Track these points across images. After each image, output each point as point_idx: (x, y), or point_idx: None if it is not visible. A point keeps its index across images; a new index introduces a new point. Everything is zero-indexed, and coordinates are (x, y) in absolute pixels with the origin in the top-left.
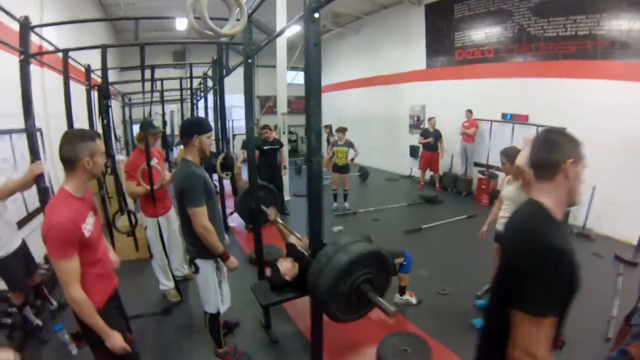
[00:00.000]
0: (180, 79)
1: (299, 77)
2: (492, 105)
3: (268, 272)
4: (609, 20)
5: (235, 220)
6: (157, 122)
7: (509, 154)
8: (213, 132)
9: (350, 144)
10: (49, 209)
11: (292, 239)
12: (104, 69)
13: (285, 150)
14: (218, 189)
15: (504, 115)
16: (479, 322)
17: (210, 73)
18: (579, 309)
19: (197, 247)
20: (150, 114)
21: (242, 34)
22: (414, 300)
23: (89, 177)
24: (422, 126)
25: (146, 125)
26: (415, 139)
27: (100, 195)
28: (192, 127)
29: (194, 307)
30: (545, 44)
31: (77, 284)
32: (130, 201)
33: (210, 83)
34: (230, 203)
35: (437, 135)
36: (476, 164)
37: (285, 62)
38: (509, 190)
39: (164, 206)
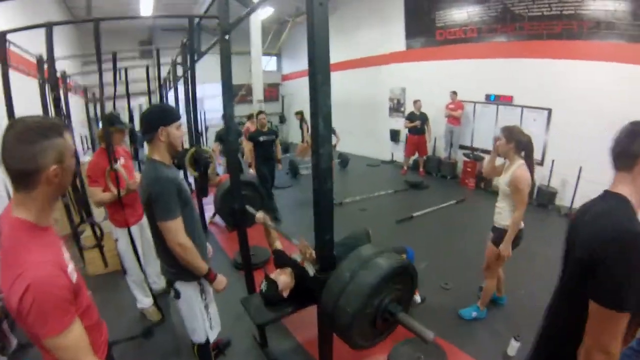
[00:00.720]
0: (147, 66)
1: (271, 64)
2: (476, 86)
3: (262, 286)
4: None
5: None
6: (124, 117)
7: (510, 131)
8: (184, 121)
9: (332, 130)
10: (12, 260)
11: (279, 244)
12: (50, 51)
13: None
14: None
15: (487, 97)
16: (467, 313)
17: (179, 60)
18: None
19: (175, 268)
20: (114, 107)
21: (217, 6)
22: (418, 298)
23: (55, 193)
24: (402, 109)
25: (109, 119)
26: (396, 123)
27: (63, 203)
28: (156, 118)
29: (179, 324)
30: (529, 23)
31: (92, 354)
32: (99, 211)
33: (180, 72)
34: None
35: (424, 119)
36: (461, 147)
37: (261, 46)
38: (501, 182)
39: (136, 213)
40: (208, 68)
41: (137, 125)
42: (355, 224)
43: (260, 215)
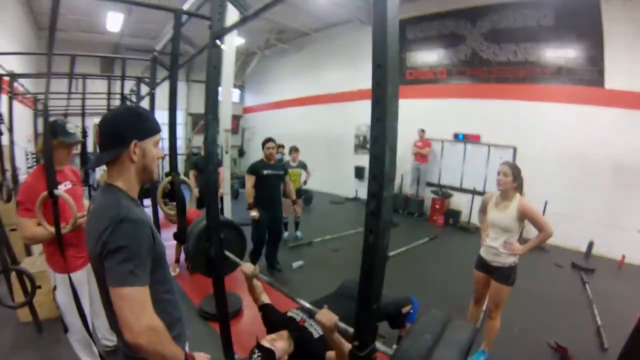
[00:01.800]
0: (109, 78)
1: (234, 96)
2: (444, 125)
3: (255, 357)
4: (556, 48)
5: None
6: (73, 129)
7: (514, 167)
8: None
9: (303, 165)
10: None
11: (266, 298)
12: None
13: None
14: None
15: (456, 135)
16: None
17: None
18: (566, 321)
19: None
20: (65, 118)
21: (210, 5)
22: None
23: None
24: (368, 146)
25: (52, 128)
26: (361, 159)
27: None
28: (126, 125)
29: None
30: (497, 67)
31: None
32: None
33: (144, 90)
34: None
35: None
36: (428, 184)
37: (233, 73)
38: (502, 218)
39: (83, 254)
40: (165, 95)
41: (90, 146)
42: (331, 267)
43: (248, 267)
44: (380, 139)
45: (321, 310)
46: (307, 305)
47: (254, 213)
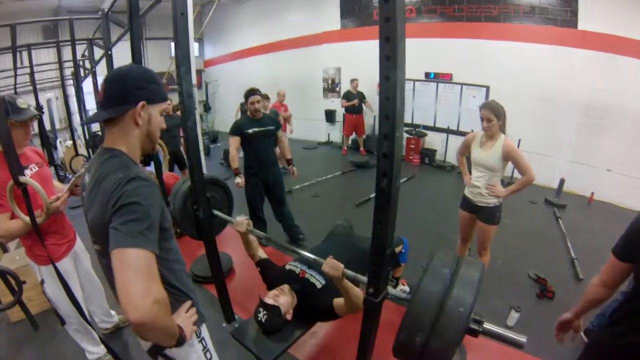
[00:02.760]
0: (58, 43)
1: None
2: (415, 64)
3: (260, 316)
4: None
5: None
6: (24, 104)
7: (496, 108)
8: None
9: (275, 114)
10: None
11: (262, 252)
12: None
13: None
14: None
15: (427, 75)
16: None
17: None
18: (543, 254)
19: None
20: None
21: None
22: (407, 289)
23: None
24: (337, 89)
25: (4, 106)
26: (331, 103)
27: None
28: (136, 85)
29: None
30: (467, 5)
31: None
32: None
33: (98, 54)
34: None
35: (362, 97)
36: None
37: (192, 28)
38: (487, 157)
39: (65, 239)
40: (123, 57)
41: (47, 124)
42: (313, 213)
43: (241, 220)
44: (391, 78)
45: (326, 261)
46: (311, 256)
47: (238, 180)
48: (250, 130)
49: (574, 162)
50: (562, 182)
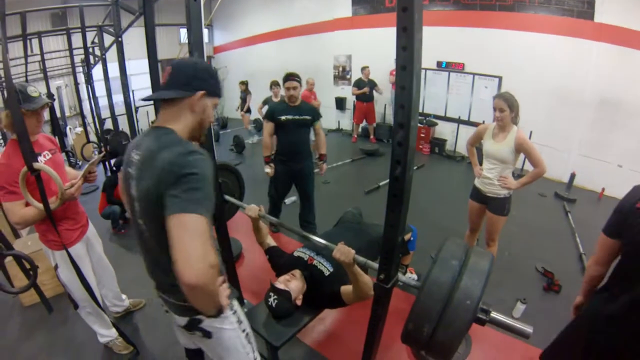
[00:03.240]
0: (68, 30)
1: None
2: (426, 53)
3: (270, 301)
4: None
5: None
6: (35, 92)
7: (509, 99)
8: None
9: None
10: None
11: (271, 240)
12: None
13: None
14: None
15: (439, 64)
16: None
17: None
18: (551, 248)
19: None
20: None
21: None
22: (415, 276)
23: None
24: (348, 77)
25: (16, 96)
26: (342, 90)
27: None
28: (201, 76)
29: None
30: None
31: None
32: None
33: (108, 41)
34: None
35: (372, 85)
36: None
37: (202, 13)
38: (499, 149)
39: (78, 224)
40: (133, 43)
41: (57, 111)
42: (323, 200)
43: (252, 209)
44: (408, 68)
45: (337, 247)
46: (322, 241)
47: (267, 169)
48: (283, 117)
49: (585, 157)
50: (572, 176)
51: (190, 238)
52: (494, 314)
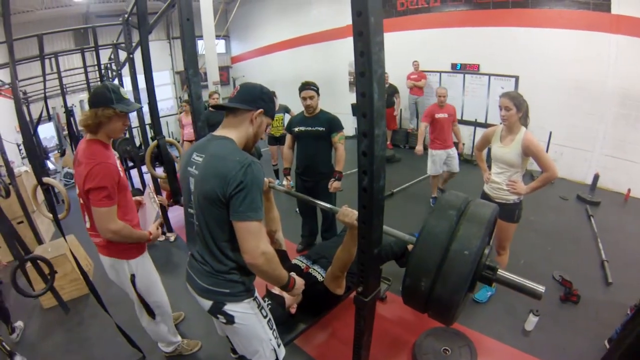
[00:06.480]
0: (82, 50)
1: (219, 47)
2: (441, 55)
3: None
4: None
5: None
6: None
7: (515, 98)
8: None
9: (286, 109)
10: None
11: (280, 236)
12: None
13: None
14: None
15: (454, 66)
16: (482, 296)
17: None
18: (571, 254)
19: (226, 286)
20: (46, 105)
21: None
22: None
23: None
24: None
25: (106, 96)
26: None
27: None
28: (264, 98)
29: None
30: None
31: None
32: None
33: (123, 57)
34: None
35: (392, 91)
36: None
37: (213, 25)
38: (506, 153)
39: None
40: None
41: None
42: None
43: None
44: (366, 74)
45: (341, 210)
46: (327, 205)
47: (284, 182)
48: (296, 129)
49: (609, 156)
50: (596, 177)
51: (249, 238)
52: (501, 272)
